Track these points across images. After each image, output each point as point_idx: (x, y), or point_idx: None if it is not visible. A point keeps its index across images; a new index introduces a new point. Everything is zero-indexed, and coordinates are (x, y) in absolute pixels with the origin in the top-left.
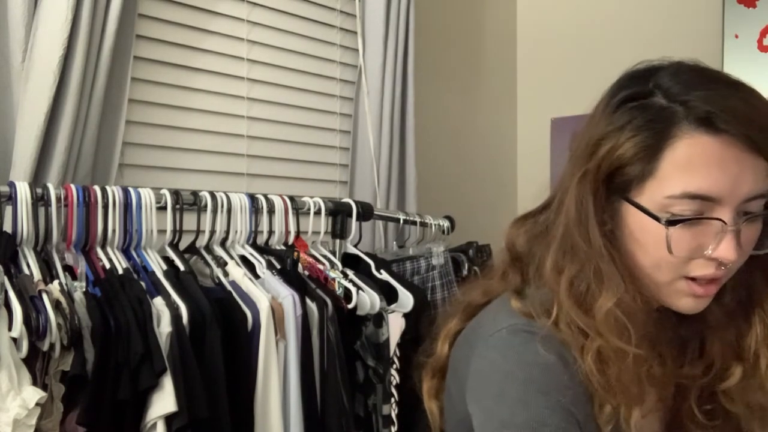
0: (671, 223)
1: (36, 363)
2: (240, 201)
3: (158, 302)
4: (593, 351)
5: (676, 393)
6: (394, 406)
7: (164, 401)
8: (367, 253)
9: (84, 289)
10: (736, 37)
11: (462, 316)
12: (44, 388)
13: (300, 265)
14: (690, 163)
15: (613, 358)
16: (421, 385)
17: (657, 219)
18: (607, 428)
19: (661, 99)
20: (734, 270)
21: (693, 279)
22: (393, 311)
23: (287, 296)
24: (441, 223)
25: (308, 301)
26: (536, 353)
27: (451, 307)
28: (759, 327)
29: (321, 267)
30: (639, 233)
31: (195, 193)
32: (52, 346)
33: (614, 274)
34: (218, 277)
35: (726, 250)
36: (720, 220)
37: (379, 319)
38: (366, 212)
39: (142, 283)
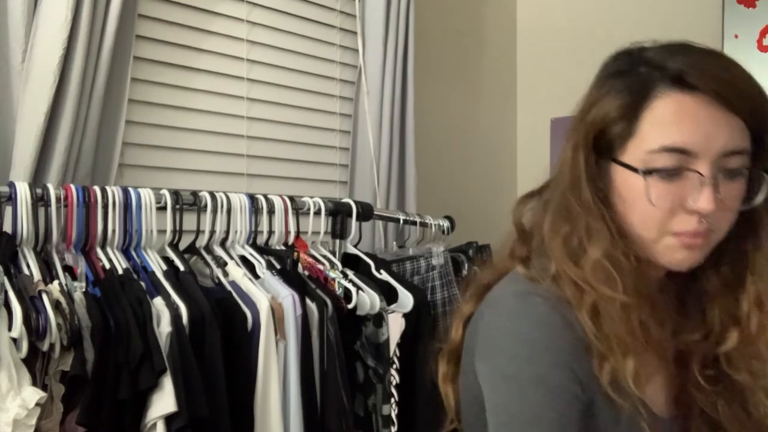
0: (648, 173)
1: (36, 363)
2: (240, 201)
3: (158, 302)
4: (588, 305)
5: (680, 360)
6: (394, 406)
7: (164, 401)
8: (367, 253)
9: (84, 290)
10: (736, 37)
11: (474, 298)
12: (44, 388)
13: (300, 265)
14: (666, 120)
15: (605, 308)
16: (437, 370)
17: (637, 171)
18: (608, 385)
19: (642, 68)
20: (722, 229)
21: (680, 234)
22: (393, 311)
23: (287, 296)
24: (441, 223)
25: (308, 301)
26: (541, 314)
27: (464, 293)
28: (752, 290)
29: (321, 267)
30: (625, 191)
31: (195, 194)
32: (52, 346)
33: (602, 228)
34: (218, 278)
35: (704, 201)
36: (696, 172)
37: (379, 319)
38: (366, 212)
39: (142, 284)
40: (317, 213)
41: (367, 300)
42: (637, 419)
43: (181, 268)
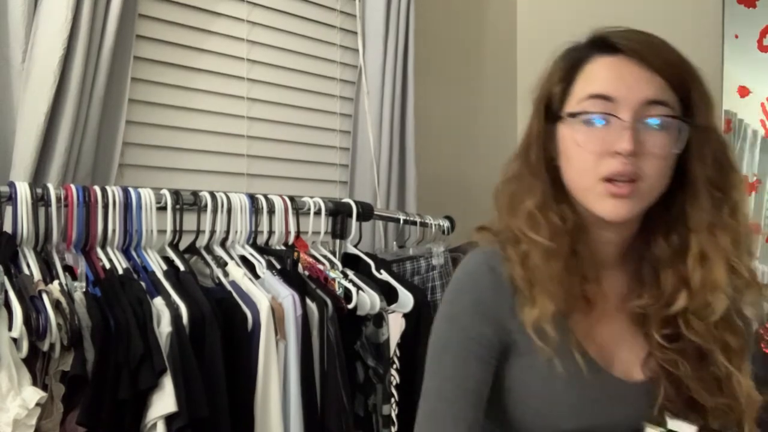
0: (573, 115)
1: (36, 363)
2: (240, 201)
3: (158, 302)
4: (520, 252)
5: (643, 325)
6: (394, 406)
7: (164, 401)
8: (367, 253)
9: (84, 289)
10: (736, 37)
11: None
12: (44, 388)
13: (300, 266)
14: (593, 75)
15: (532, 254)
16: None
17: (569, 116)
18: (530, 329)
19: (581, 45)
20: (649, 176)
21: (609, 181)
22: (393, 311)
23: (287, 296)
24: (441, 223)
25: (308, 301)
26: (473, 264)
27: None
28: (695, 248)
29: (321, 267)
30: (564, 145)
31: (195, 193)
32: (52, 346)
33: (540, 185)
34: (218, 278)
35: (625, 142)
36: (618, 117)
37: (379, 319)
38: (366, 212)
39: (142, 283)
40: (317, 213)
41: (368, 300)
42: (564, 372)
43: (182, 268)
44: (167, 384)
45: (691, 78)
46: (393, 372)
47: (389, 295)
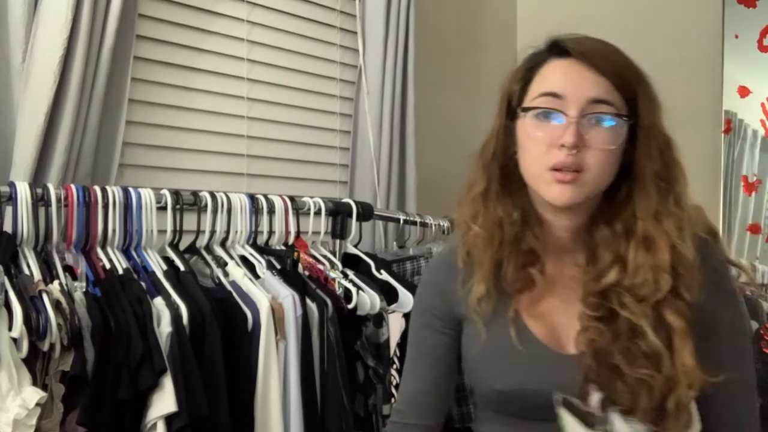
0: (526, 110)
1: (36, 363)
2: (240, 201)
3: (158, 302)
4: (466, 239)
5: (573, 296)
6: (394, 406)
7: (164, 401)
8: (367, 253)
9: (84, 290)
10: (736, 37)
11: None
12: (44, 388)
13: (300, 266)
14: (547, 75)
15: (475, 240)
16: None
17: (522, 111)
18: (472, 308)
19: (539, 50)
20: (592, 167)
21: (556, 170)
22: (393, 311)
23: (287, 296)
24: (441, 223)
25: (308, 301)
26: (437, 256)
27: None
28: (641, 233)
29: (321, 267)
30: (520, 138)
31: (195, 193)
32: (52, 346)
33: (489, 177)
34: (218, 278)
35: (569, 135)
36: (563, 113)
37: (379, 319)
38: (366, 212)
39: (142, 284)
40: (317, 213)
41: (368, 300)
42: (498, 340)
43: (182, 268)
44: (167, 384)
45: (637, 81)
46: (393, 372)
47: (389, 295)
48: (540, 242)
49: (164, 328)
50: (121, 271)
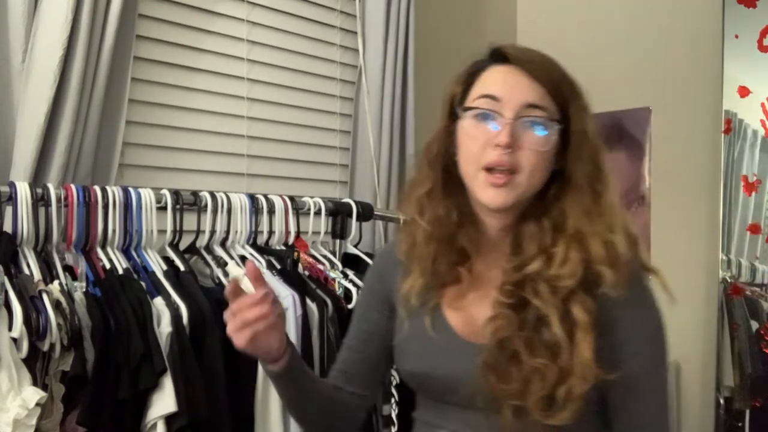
0: (465, 109)
1: (36, 363)
2: (240, 201)
3: (158, 302)
4: (409, 233)
5: (495, 291)
6: (394, 406)
7: (164, 401)
8: (367, 253)
9: (84, 289)
10: (736, 37)
11: None
12: (44, 388)
13: (300, 265)
14: (487, 79)
15: (417, 235)
16: None
17: (462, 110)
18: (402, 297)
19: (481, 57)
20: (524, 169)
21: (490, 171)
22: None
23: (287, 296)
24: None
25: (308, 301)
26: (385, 247)
27: None
28: (572, 229)
29: (321, 267)
30: (459, 138)
31: (195, 193)
32: (52, 346)
33: (433, 176)
34: (218, 277)
35: (503, 135)
36: (500, 114)
37: None
38: (366, 212)
39: (142, 283)
40: (317, 213)
41: None
42: (417, 327)
43: (182, 268)
44: (167, 384)
45: (570, 90)
46: (393, 372)
47: None
48: (472, 242)
49: (164, 328)
50: (121, 271)
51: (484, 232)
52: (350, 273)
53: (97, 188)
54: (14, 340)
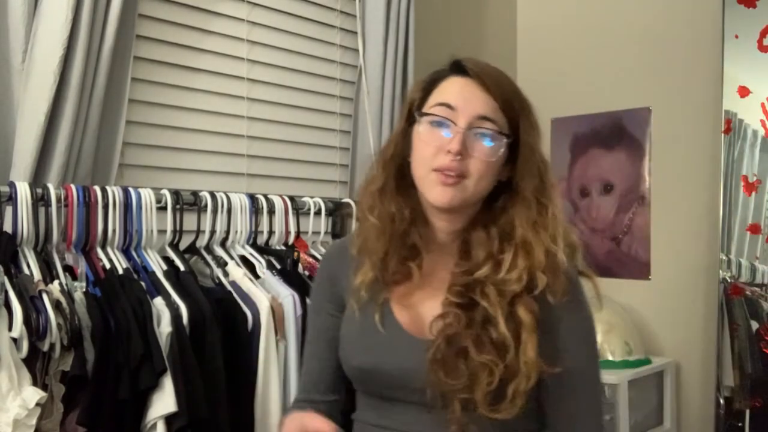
0: (422, 114)
1: (36, 363)
2: (240, 201)
3: (158, 302)
4: (361, 229)
5: (444, 290)
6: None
7: (164, 401)
8: None
9: (84, 289)
10: (736, 37)
11: None
12: (44, 388)
13: (300, 266)
14: (445, 89)
15: (368, 231)
16: None
17: (418, 116)
18: (353, 291)
19: (442, 67)
20: (473, 175)
21: (439, 172)
22: None
23: (287, 296)
24: None
25: (308, 301)
26: (330, 248)
27: None
28: (519, 237)
29: None
30: (414, 141)
31: (195, 193)
32: (52, 346)
33: (386, 175)
34: (218, 277)
35: (455, 143)
36: (454, 122)
37: None
38: None
39: (142, 283)
40: (317, 213)
41: None
42: (365, 323)
43: (182, 268)
44: (167, 384)
45: (521, 106)
46: None
47: None
48: (423, 240)
49: (164, 328)
50: (121, 271)
51: (434, 234)
52: None
53: (97, 188)
54: (14, 340)
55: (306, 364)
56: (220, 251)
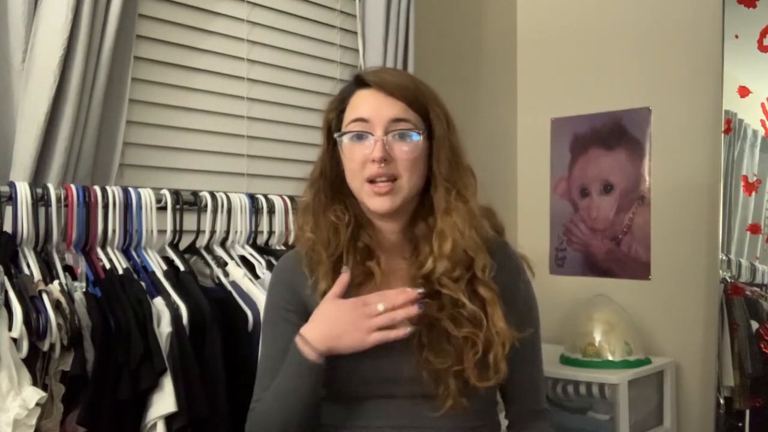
0: (342, 134)
1: (36, 363)
2: (240, 201)
3: (158, 302)
4: (302, 246)
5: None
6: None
7: (164, 401)
8: None
9: (84, 289)
10: (736, 37)
11: None
12: (44, 388)
13: None
14: (355, 105)
15: (313, 245)
16: None
17: (337, 138)
18: (315, 299)
19: (348, 83)
20: (403, 175)
21: (372, 182)
22: None
23: None
24: None
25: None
26: (287, 254)
27: None
28: (438, 227)
29: None
30: (343, 157)
31: (195, 193)
32: (52, 346)
33: (317, 192)
34: (218, 278)
35: (376, 151)
36: (371, 133)
37: None
38: None
39: (142, 283)
40: None
41: None
42: None
43: (182, 268)
44: (167, 384)
45: (427, 99)
46: None
47: None
48: (374, 240)
49: (164, 328)
50: (121, 271)
51: (382, 234)
52: None
53: (97, 188)
54: (14, 340)
55: (266, 380)
56: (220, 251)
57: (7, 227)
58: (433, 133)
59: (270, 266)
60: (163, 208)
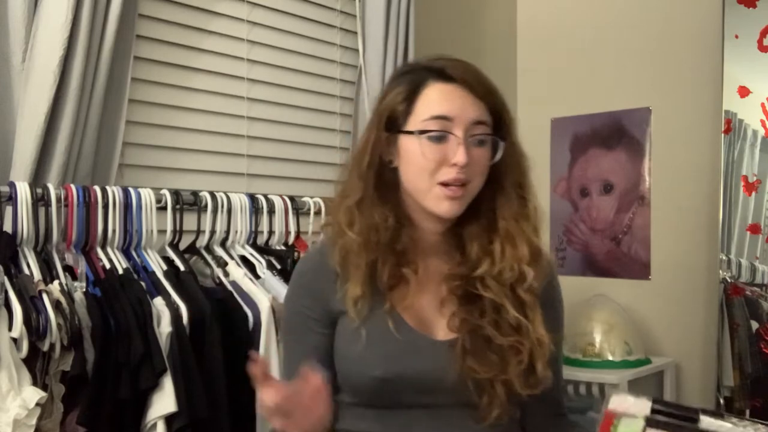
0: (422, 132)
1: (36, 363)
2: (240, 201)
3: (158, 302)
4: (340, 243)
5: (451, 292)
6: None
7: (164, 401)
8: None
9: (84, 289)
10: (737, 37)
11: None
12: (44, 388)
13: None
14: (433, 99)
15: (349, 245)
16: None
17: (413, 134)
18: (346, 304)
19: (417, 69)
20: (474, 181)
21: (445, 185)
22: None
23: None
24: None
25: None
26: (306, 255)
27: None
28: (502, 230)
29: None
30: (407, 153)
31: (195, 194)
32: (52, 346)
33: (364, 186)
34: (219, 277)
35: (460, 155)
36: (454, 134)
37: None
38: None
39: (142, 283)
40: (317, 213)
41: None
42: (376, 333)
43: (182, 268)
44: (167, 384)
45: (502, 104)
46: None
47: None
48: (413, 243)
49: (164, 328)
50: (121, 271)
51: (423, 235)
52: None
53: (97, 188)
54: (14, 340)
55: None
56: (220, 251)
57: (7, 227)
58: (506, 138)
59: (270, 266)
60: (163, 208)
